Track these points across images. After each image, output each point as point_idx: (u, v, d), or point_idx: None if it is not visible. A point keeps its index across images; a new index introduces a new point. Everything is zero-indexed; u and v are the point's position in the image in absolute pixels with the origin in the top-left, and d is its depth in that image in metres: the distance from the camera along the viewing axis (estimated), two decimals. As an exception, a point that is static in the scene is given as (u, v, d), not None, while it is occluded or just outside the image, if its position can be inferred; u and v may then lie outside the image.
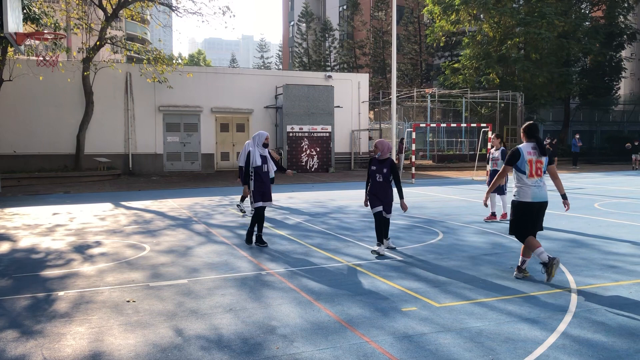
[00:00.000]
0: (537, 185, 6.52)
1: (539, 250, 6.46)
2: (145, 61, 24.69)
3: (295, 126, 27.06)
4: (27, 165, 23.80)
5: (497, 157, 11.24)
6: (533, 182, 6.50)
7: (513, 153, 6.56)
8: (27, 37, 11.53)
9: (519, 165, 6.51)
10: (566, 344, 4.67)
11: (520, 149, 6.56)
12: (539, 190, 6.53)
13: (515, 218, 6.64)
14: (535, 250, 6.48)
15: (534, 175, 6.49)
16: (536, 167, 6.50)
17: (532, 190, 6.50)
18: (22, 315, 5.57)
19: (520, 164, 6.50)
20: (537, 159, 6.51)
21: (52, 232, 10.64)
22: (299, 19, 61.55)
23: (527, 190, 6.51)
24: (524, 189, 6.53)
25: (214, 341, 4.80)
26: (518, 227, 6.63)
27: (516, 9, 35.63)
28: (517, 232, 6.66)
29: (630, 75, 48.54)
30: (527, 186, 6.51)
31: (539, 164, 6.52)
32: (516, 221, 6.64)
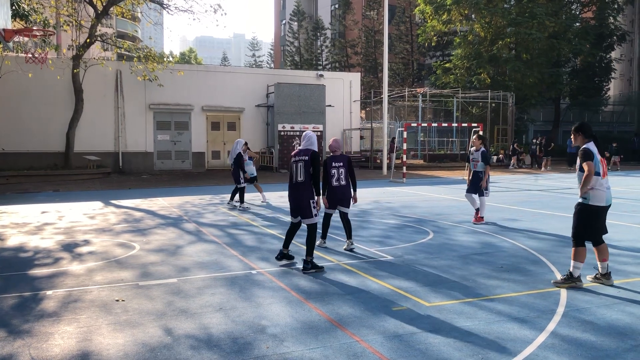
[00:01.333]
0: (608, 187, 6.22)
1: (580, 264, 6.26)
2: (136, 59, 24.56)
3: (287, 125, 27.02)
4: (16, 163, 23.59)
5: (477, 158, 11.05)
6: (605, 182, 6.17)
7: (588, 152, 6.06)
8: (15, 33, 11.43)
9: (596, 169, 6.06)
10: (555, 343, 4.69)
11: (590, 147, 6.12)
12: (609, 193, 6.24)
13: (589, 224, 6.20)
14: (577, 263, 6.24)
15: (605, 175, 6.17)
16: (605, 166, 6.23)
17: (607, 193, 6.20)
18: (10, 314, 5.52)
19: (596, 164, 6.07)
20: (602, 159, 6.21)
21: (40, 230, 10.55)
22: (291, 17, 61.48)
23: (602, 193, 6.13)
24: (600, 192, 6.13)
25: (203, 340, 4.78)
26: (587, 232, 6.22)
27: (507, 10, 35.79)
28: (582, 237, 6.23)
29: (620, 76, 48.95)
30: (603, 188, 6.13)
31: (604, 162, 6.26)
32: (584, 226, 6.20)
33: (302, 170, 7.12)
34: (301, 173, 7.13)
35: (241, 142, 13.95)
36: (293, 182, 7.22)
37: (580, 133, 6.31)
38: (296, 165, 7.19)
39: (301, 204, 7.18)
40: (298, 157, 7.21)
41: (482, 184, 10.94)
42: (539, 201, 14.84)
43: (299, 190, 7.17)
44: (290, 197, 7.31)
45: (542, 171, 28.51)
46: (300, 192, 7.16)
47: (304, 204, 7.15)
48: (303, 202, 7.16)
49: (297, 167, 7.17)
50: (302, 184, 7.14)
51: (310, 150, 7.19)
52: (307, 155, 7.15)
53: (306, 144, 7.28)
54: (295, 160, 7.23)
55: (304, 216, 7.20)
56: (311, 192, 7.13)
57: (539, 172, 28.01)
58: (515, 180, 22.49)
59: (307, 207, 7.14)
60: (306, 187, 7.14)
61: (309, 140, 7.30)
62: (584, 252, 6.27)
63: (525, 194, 17.11)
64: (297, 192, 7.20)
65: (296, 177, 7.17)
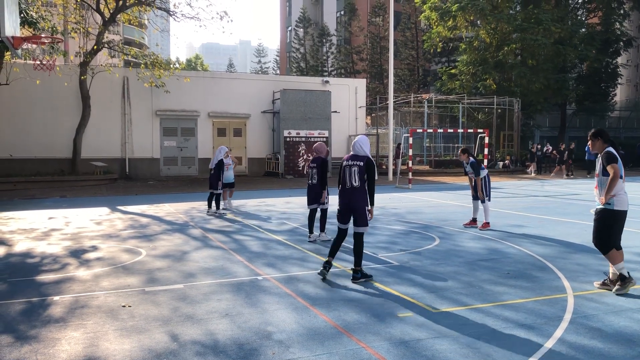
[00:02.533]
0: (624, 191, 6.19)
1: (622, 264, 6.22)
2: (143, 66, 24.68)
3: (292, 131, 27.06)
4: (24, 169, 23.73)
5: (470, 170, 11.13)
6: (623, 187, 6.12)
7: (612, 155, 6.04)
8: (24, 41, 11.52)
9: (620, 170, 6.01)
10: (563, 350, 4.67)
11: (613, 151, 6.08)
12: (626, 196, 6.19)
13: (613, 228, 6.16)
14: (619, 265, 6.19)
15: (624, 180, 6.12)
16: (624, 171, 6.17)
17: (627, 197, 6.17)
18: (17, 320, 5.54)
19: (620, 168, 6.02)
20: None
21: (47, 236, 10.60)
22: (297, 24, 61.68)
23: (624, 197, 6.09)
24: (622, 196, 6.08)
25: (209, 346, 4.78)
26: (611, 237, 6.18)
27: (513, 16, 35.78)
28: (606, 243, 6.20)
29: (626, 81, 48.80)
30: (624, 193, 6.08)
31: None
32: (610, 231, 6.17)
33: (357, 175, 6.92)
34: (356, 178, 6.92)
35: (224, 149, 14.13)
36: (347, 186, 6.99)
37: (600, 138, 6.26)
38: (350, 170, 6.97)
39: (355, 210, 6.97)
40: (352, 162, 7.00)
41: (480, 195, 11.01)
42: (545, 207, 14.78)
43: (354, 195, 6.94)
44: (342, 202, 7.10)
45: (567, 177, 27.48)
46: (355, 197, 6.94)
47: (359, 210, 6.95)
48: (358, 208, 6.95)
49: (351, 172, 6.95)
50: (358, 189, 6.93)
51: (365, 157, 7.01)
52: (362, 160, 6.97)
53: (359, 149, 7.07)
54: (349, 164, 7.00)
55: (357, 223, 6.98)
56: (366, 198, 6.97)
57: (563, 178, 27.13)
58: (521, 186, 22.42)
59: (363, 213, 6.95)
60: (361, 193, 6.94)
61: (363, 145, 7.11)
62: (617, 253, 6.18)
63: (531, 199, 17.05)
64: (351, 197, 6.97)
65: (350, 181, 6.95)
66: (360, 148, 7.06)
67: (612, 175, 5.97)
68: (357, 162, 6.96)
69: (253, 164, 29.06)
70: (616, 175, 5.95)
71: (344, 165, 7.09)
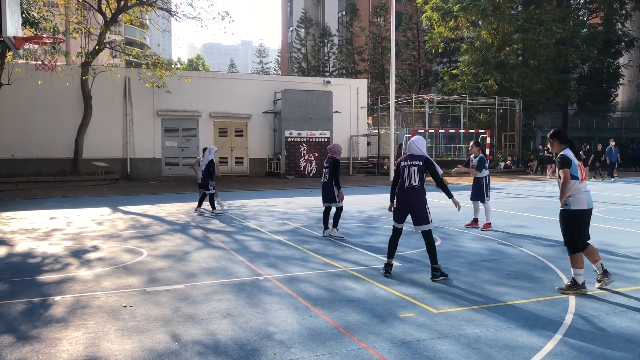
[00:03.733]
0: (587, 190, 6.29)
1: (581, 271, 6.27)
2: (144, 66, 24.70)
3: (294, 131, 27.06)
4: (25, 169, 23.76)
5: (475, 164, 11.13)
6: (584, 186, 6.25)
7: (565, 159, 6.16)
8: (26, 41, 11.53)
9: (572, 172, 6.14)
10: (564, 350, 4.66)
11: (567, 154, 6.22)
12: (589, 196, 6.30)
13: (574, 229, 6.29)
14: (578, 270, 6.27)
15: (584, 180, 6.24)
16: (583, 170, 6.28)
17: (586, 196, 6.24)
18: (18, 320, 5.54)
19: (574, 169, 6.16)
20: (579, 163, 6.29)
21: (49, 236, 10.61)
22: (298, 24, 61.71)
23: (582, 197, 6.20)
24: (579, 196, 6.20)
25: (210, 347, 4.78)
26: (576, 237, 6.29)
27: (514, 16, 35.74)
28: (575, 243, 6.29)
29: (628, 82, 48.68)
30: (581, 192, 6.19)
31: (582, 166, 6.31)
32: (575, 231, 6.29)
33: (417, 175, 7.02)
34: (416, 178, 7.02)
35: (214, 149, 14.13)
36: (405, 186, 7.07)
37: (556, 139, 6.39)
38: (409, 170, 7.06)
39: (415, 209, 7.08)
40: (410, 162, 7.09)
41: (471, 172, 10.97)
42: (547, 207, 14.76)
43: (414, 194, 7.05)
44: (400, 202, 7.19)
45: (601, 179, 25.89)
46: (415, 196, 7.05)
47: (420, 209, 7.06)
48: (418, 207, 7.06)
49: (410, 172, 7.05)
50: (417, 188, 7.04)
51: (423, 156, 7.12)
52: (421, 160, 7.07)
53: (415, 149, 7.18)
54: (408, 164, 7.09)
55: (419, 222, 7.10)
56: (425, 197, 7.09)
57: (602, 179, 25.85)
58: (522, 186, 22.39)
59: (423, 212, 7.06)
60: (421, 192, 7.06)
61: (420, 145, 7.21)
62: (581, 257, 6.31)
63: (532, 200, 17.03)
64: (410, 196, 7.06)
65: (410, 181, 7.05)
66: (417, 148, 7.16)
67: (562, 179, 6.11)
68: (417, 162, 7.06)
69: (254, 164, 29.07)
70: (566, 179, 6.08)
71: (402, 166, 7.17)
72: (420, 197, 7.06)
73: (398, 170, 7.23)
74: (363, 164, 30.94)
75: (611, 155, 26.21)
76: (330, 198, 10.11)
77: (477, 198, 11.20)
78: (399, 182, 7.20)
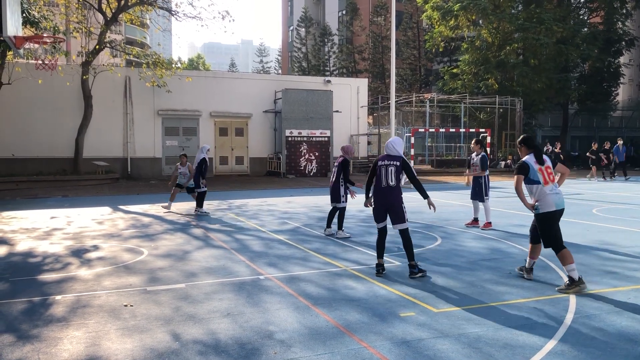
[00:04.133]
0: (554, 192, 6.50)
1: (573, 266, 6.37)
2: (145, 65, 24.70)
3: (294, 130, 27.06)
4: (26, 169, 23.77)
5: (477, 163, 11.10)
6: (550, 188, 6.48)
7: (522, 166, 6.53)
8: (26, 40, 11.52)
9: (532, 177, 6.47)
10: (565, 350, 4.66)
11: (526, 160, 6.56)
12: (558, 197, 6.50)
13: (550, 230, 6.50)
14: (569, 266, 6.36)
15: (549, 182, 6.49)
16: (547, 173, 6.51)
17: (552, 197, 6.46)
18: (19, 319, 5.55)
19: (533, 174, 6.48)
20: (546, 166, 6.53)
21: (49, 235, 10.61)
22: (298, 23, 61.68)
23: (549, 199, 6.45)
24: (546, 199, 6.46)
25: (211, 346, 4.79)
26: (554, 238, 6.48)
27: (515, 15, 35.71)
28: (554, 243, 6.48)
29: (629, 81, 48.64)
30: (547, 195, 6.45)
31: (548, 169, 6.54)
32: (549, 232, 6.50)
33: (394, 175, 7.15)
34: (393, 178, 7.15)
35: (205, 148, 13.85)
36: (382, 185, 7.19)
37: (524, 145, 6.74)
38: (386, 170, 7.18)
39: (393, 208, 7.19)
40: (388, 162, 7.21)
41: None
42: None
43: (391, 193, 7.17)
44: (378, 201, 7.30)
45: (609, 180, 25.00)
46: (392, 196, 7.17)
47: (397, 208, 7.18)
48: (396, 206, 7.18)
49: (387, 172, 7.17)
50: (394, 188, 7.17)
51: (400, 157, 7.25)
52: (398, 160, 7.19)
53: (392, 150, 7.31)
54: (385, 164, 7.21)
55: (396, 221, 7.20)
56: (401, 196, 7.21)
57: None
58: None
59: (399, 210, 7.18)
60: (398, 191, 7.19)
61: (397, 146, 7.36)
62: (568, 253, 6.42)
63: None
64: (387, 196, 7.19)
65: (387, 181, 7.16)
66: (394, 148, 7.30)
67: (514, 185, 6.57)
68: (394, 162, 7.18)
69: (255, 164, 29.07)
70: (516, 185, 6.50)
71: (379, 165, 7.27)
72: (397, 196, 7.19)
73: (374, 169, 7.33)
74: (363, 163, 30.92)
75: (619, 154, 25.78)
76: (336, 198, 10.15)
77: (476, 197, 11.19)
78: (375, 182, 7.31)
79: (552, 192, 6.48)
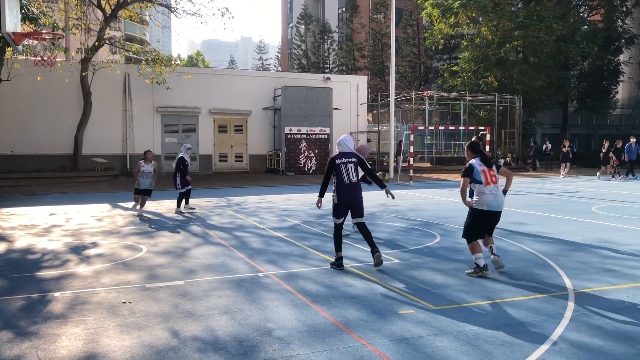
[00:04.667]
0: (493, 192, 7.06)
1: (480, 255, 7.03)
2: (144, 62, 24.65)
3: (294, 128, 27.04)
4: (25, 166, 23.73)
5: None
6: (490, 189, 7.06)
7: (467, 168, 7.18)
8: (25, 36, 11.51)
9: (475, 177, 7.11)
10: (563, 347, 4.66)
11: (472, 163, 7.22)
12: (495, 199, 7.05)
13: (471, 224, 7.18)
14: (477, 255, 7.03)
15: (490, 183, 7.08)
16: (490, 175, 7.13)
17: (489, 198, 7.03)
18: (17, 316, 5.54)
19: (476, 174, 7.11)
20: (488, 169, 7.14)
21: (48, 232, 10.60)
22: (298, 20, 61.56)
23: (484, 198, 7.05)
24: (482, 198, 7.07)
25: (209, 343, 4.78)
26: (471, 232, 7.17)
27: (515, 13, 35.66)
28: (468, 235, 7.18)
29: (628, 79, 48.66)
30: (484, 194, 7.05)
31: (492, 172, 7.16)
32: (471, 227, 7.17)
33: (354, 171, 7.43)
34: (353, 174, 7.43)
35: (186, 147, 13.52)
36: (345, 182, 7.40)
37: (469, 150, 7.43)
38: (346, 167, 7.42)
39: (356, 203, 7.48)
40: (346, 159, 7.44)
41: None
42: (547, 204, 14.76)
43: (354, 189, 7.44)
44: (341, 198, 7.45)
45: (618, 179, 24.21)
46: (355, 191, 7.45)
47: (359, 203, 7.51)
48: (358, 201, 7.49)
49: (347, 169, 7.41)
50: (356, 184, 7.46)
51: (354, 153, 7.53)
52: (355, 157, 7.48)
53: (345, 147, 7.54)
54: (344, 162, 7.43)
55: (356, 215, 7.50)
56: (361, 191, 7.55)
57: None
58: (521, 183, 22.39)
59: (361, 205, 7.55)
60: (359, 187, 7.52)
61: (349, 143, 7.60)
62: (477, 244, 7.11)
63: (532, 197, 17.03)
64: (350, 192, 7.42)
65: (349, 177, 7.42)
66: (346, 146, 7.56)
67: (460, 187, 7.31)
68: (352, 159, 7.46)
69: (254, 161, 29.05)
70: (462, 187, 7.21)
71: (338, 163, 7.44)
72: (360, 191, 7.53)
73: (331, 168, 7.47)
74: (363, 160, 30.89)
75: (631, 152, 25.03)
76: None
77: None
78: (337, 179, 7.43)
79: (490, 193, 7.05)
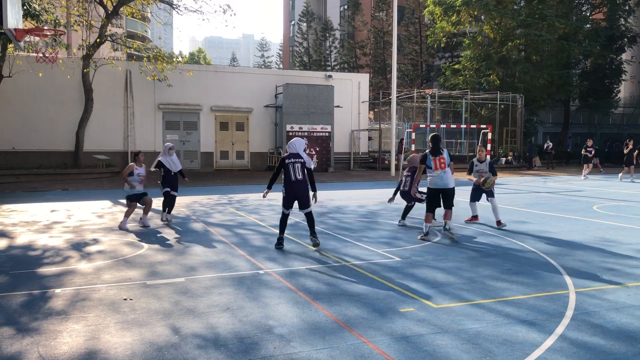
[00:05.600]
0: (438, 176, 9.41)
1: (428, 224, 9.48)
2: (146, 59, 24.67)
3: (295, 125, 27.03)
4: (26, 162, 23.77)
5: (484, 169, 11.03)
6: (437, 174, 9.43)
7: (423, 156, 9.64)
8: (27, 33, 11.49)
9: (428, 164, 9.49)
10: (564, 346, 4.66)
11: (427, 152, 9.59)
12: (439, 179, 9.42)
13: (428, 198, 9.62)
14: (427, 224, 9.46)
15: (438, 168, 9.40)
16: (440, 162, 9.40)
17: (435, 179, 9.45)
18: (18, 312, 5.55)
19: (429, 162, 9.48)
20: (439, 157, 9.42)
21: (49, 229, 10.61)
22: (300, 18, 61.51)
23: (433, 179, 9.47)
24: (432, 179, 9.49)
25: (210, 340, 4.79)
26: (429, 204, 9.56)
27: (517, 11, 35.60)
28: (428, 206, 9.54)
29: (631, 78, 48.55)
30: (434, 177, 9.46)
31: (441, 159, 9.40)
32: (428, 200, 9.60)
33: (300, 170, 8.58)
34: (300, 172, 8.58)
35: (168, 146, 11.90)
36: (292, 179, 8.55)
37: (430, 142, 9.65)
38: (294, 166, 8.58)
39: (302, 197, 8.64)
40: (294, 160, 8.62)
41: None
42: (548, 203, 14.75)
43: (300, 185, 8.60)
44: (291, 192, 8.62)
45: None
46: (301, 187, 8.60)
47: (305, 197, 8.67)
48: (304, 195, 8.65)
49: (295, 168, 8.57)
50: (302, 181, 8.60)
51: (300, 155, 8.66)
52: (302, 158, 8.64)
53: (294, 149, 8.69)
54: (292, 162, 8.61)
55: (303, 207, 8.71)
56: (308, 187, 8.69)
57: None
58: (523, 182, 22.37)
59: (307, 198, 8.71)
60: (305, 184, 8.66)
61: (298, 145, 8.74)
62: (430, 216, 9.49)
63: (534, 196, 17.01)
64: (298, 188, 8.59)
65: (295, 175, 8.57)
66: (295, 148, 8.71)
67: (416, 172, 10.20)
68: (299, 160, 8.64)
69: (255, 158, 29.06)
70: (417, 171, 10.03)
71: (287, 162, 8.61)
72: (305, 187, 8.65)
73: (282, 166, 8.63)
74: (364, 158, 30.92)
75: None
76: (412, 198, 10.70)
77: (476, 199, 11.23)
78: (285, 176, 8.59)
79: (437, 176, 9.40)
